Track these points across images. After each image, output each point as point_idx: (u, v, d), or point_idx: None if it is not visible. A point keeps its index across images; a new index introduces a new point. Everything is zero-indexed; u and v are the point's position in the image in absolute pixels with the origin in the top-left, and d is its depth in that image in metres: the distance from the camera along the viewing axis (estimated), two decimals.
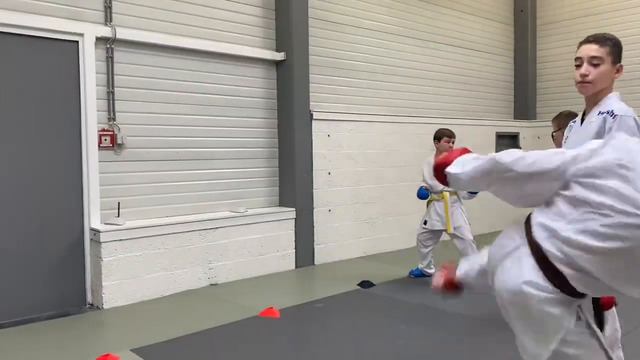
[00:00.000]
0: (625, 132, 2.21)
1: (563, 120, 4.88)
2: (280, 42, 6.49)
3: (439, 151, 5.76)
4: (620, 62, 2.41)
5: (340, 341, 4.08)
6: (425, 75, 8.36)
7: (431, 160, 5.79)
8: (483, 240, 5.24)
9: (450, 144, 5.71)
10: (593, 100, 2.44)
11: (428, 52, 8.39)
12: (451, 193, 5.58)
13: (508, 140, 9.43)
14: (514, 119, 9.97)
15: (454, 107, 8.84)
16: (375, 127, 7.36)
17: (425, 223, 5.80)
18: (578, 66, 2.42)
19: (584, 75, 2.38)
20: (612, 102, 2.39)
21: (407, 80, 8.07)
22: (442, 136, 5.72)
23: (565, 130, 2.66)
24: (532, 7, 9.95)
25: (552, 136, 5.00)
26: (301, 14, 6.46)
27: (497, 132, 9.15)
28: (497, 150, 7.14)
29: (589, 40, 2.42)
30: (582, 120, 2.49)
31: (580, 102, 2.61)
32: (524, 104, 10.01)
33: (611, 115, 2.30)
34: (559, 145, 4.85)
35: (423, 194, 5.70)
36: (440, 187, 5.51)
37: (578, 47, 2.47)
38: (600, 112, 2.36)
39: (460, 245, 5.58)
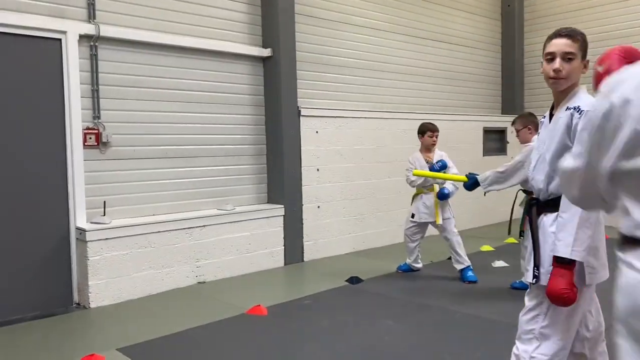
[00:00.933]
0: None
1: (527, 119, 5.13)
2: (267, 38, 6.46)
3: (423, 145, 5.78)
4: (586, 57, 2.39)
5: (327, 338, 4.09)
6: (413, 71, 8.36)
7: (417, 155, 5.80)
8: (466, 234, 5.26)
9: (434, 138, 5.73)
10: (562, 95, 2.42)
11: (416, 48, 8.39)
12: (440, 185, 5.58)
13: (495, 135, 9.47)
14: (502, 114, 10.00)
15: (442, 103, 8.85)
16: (364, 123, 7.36)
17: (413, 216, 5.79)
18: (550, 60, 2.36)
19: (557, 71, 2.33)
20: (580, 96, 2.37)
21: (394, 76, 8.07)
22: (426, 130, 5.75)
23: (539, 126, 2.65)
24: (519, 2, 9.98)
25: (517, 133, 5.14)
26: (287, 10, 6.44)
27: (484, 127, 9.18)
28: (485, 145, 7.18)
29: (560, 34, 2.35)
30: (551, 115, 2.47)
31: None
32: (511, 99, 10.05)
33: (578, 111, 2.29)
34: (524, 141, 5.03)
35: (446, 194, 5.54)
36: (431, 181, 5.53)
37: (548, 41, 2.39)
38: (567, 108, 2.34)
39: (449, 237, 5.60)
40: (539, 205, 2.47)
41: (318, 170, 6.81)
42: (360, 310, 4.74)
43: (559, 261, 2.25)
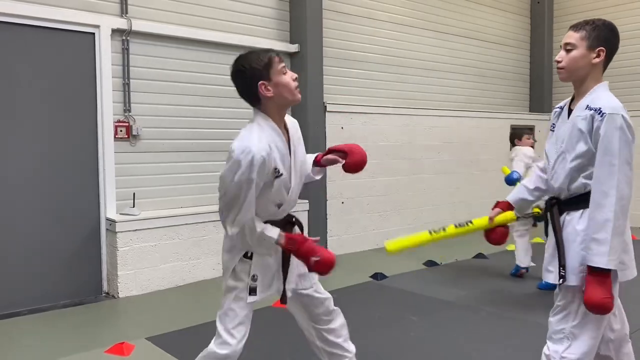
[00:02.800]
0: (612, 131, 2.17)
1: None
2: (294, 34, 6.49)
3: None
4: (602, 46, 2.30)
5: (352, 333, 4.09)
6: (439, 68, 8.30)
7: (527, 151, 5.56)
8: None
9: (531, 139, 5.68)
10: (580, 89, 2.38)
11: (442, 44, 8.32)
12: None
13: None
14: (530, 111, 9.88)
15: (469, 100, 8.78)
16: (389, 120, 7.34)
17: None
18: None
19: (557, 62, 2.38)
20: (600, 94, 2.31)
21: (421, 72, 8.02)
22: (523, 134, 5.72)
23: (551, 116, 2.58)
24: None
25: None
26: (315, 6, 6.45)
27: (512, 125, 9.07)
28: (512, 143, 6.99)
29: (570, 26, 2.39)
30: (570, 110, 2.41)
31: None
32: (539, 97, 9.90)
33: (599, 114, 2.22)
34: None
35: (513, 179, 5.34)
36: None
37: None
38: (588, 107, 2.28)
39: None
40: (560, 204, 2.41)
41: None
42: (385, 306, 4.75)
43: (594, 270, 2.19)
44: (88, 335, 4.11)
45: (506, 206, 2.74)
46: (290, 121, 2.61)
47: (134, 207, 5.26)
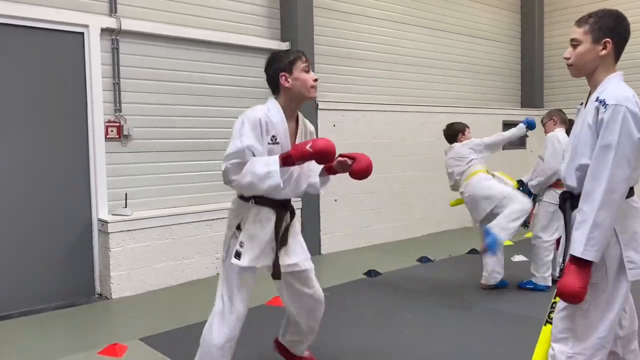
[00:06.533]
0: (613, 123, 2.11)
1: (553, 112, 5.19)
2: (285, 31, 6.47)
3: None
4: (607, 37, 2.25)
5: (345, 330, 4.10)
6: (431, 64, 8.31)
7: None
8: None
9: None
10: (592, 82, 2.35)
11: (434, 41, 8.33)
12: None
13: None
14: (521, 107, 9.91)
15: (460, 96, 8.79)
16: (381, 117, 7.34)
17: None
18: None
19: (566, 59, 2.37)
20: (609, 85, 2.26)
21: (412, 69, 8.03)
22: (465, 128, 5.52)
23: (576, 112, 2.56)
24: None
25: (545, 128, 5.20)
26: (306, 3, 6.44)
27: (503, 121, 9.10)
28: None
29: (574, 22, 2.38)
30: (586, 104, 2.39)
31: (587, 90, 2.56)
32: (530, 92, 9.94)
33: (603, 105, 2.16)
34: (548, 131, 5.07)
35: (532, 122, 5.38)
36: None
37: None
38: (597, 99, 2.23)
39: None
40: (572, 199, 2.36)
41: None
42: (379, 303, 4.75)
43: (574, 258, 2.16)
44: (81, 337, 4.09)
45: None
46: (306, 121, 3.00)
47: (126, 207, 5.23)
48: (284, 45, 6.38)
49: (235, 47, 6.06)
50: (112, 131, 5.20)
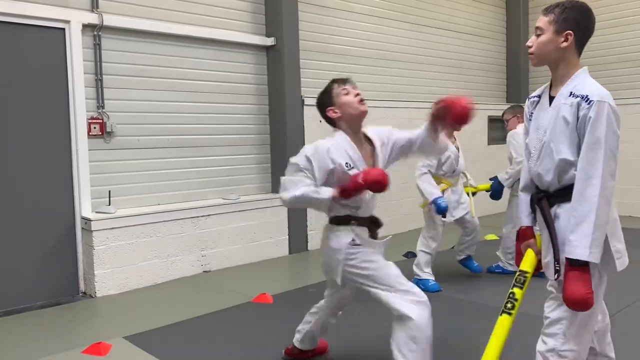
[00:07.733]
0: (600, 120, 2.09)
1: (516, 109, 5.35)
2: (270, 27, 6.43)
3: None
4: (570, 29, 2.20)
5: (334, 327, 4.10)
6: (416, 60, 8.32)
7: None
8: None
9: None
10: (556, 74, 2.30)
11: (419, 36, 8.34)
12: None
13: (500, 124, 9.41)
14: (507, 102, 9.96)
15: (446, 91, 8.74)
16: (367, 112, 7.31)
17: (444, 216, 4.92)
18: None
19: (528, 47, 2.33)
20: (583, 81, 2.22)
21: (397, 64, 8.03)
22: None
23: (526, 106, 2.48)
24: None
25: (506, 123, 5.41)
26: None
27: (489, 116, 9.15)
28: (489, 134, 7.17)
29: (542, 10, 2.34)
30: (551, 97, 2.32)
31: None
32: (516, 87, 10.00)
33: (586, 101, 2.13)
34: (511, 128, 5.24)
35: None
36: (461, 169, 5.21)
37: None
38: (572, 94, 2.19)
39: (471, 228, 5.31)
40: (549, 196, 2.32)
41: None
42: (367, 299, 4.72)
43: (574, 263, 2.10)
44: (65, 336, 4.05)
45: (531, 233, 2.50)
46: (375, 131, 3.16)
47: (109, 205, 5.19)
48: (269, 41, 6.35)
49: (219, 42, 6.02)
50: (94, 128, 5.14)
